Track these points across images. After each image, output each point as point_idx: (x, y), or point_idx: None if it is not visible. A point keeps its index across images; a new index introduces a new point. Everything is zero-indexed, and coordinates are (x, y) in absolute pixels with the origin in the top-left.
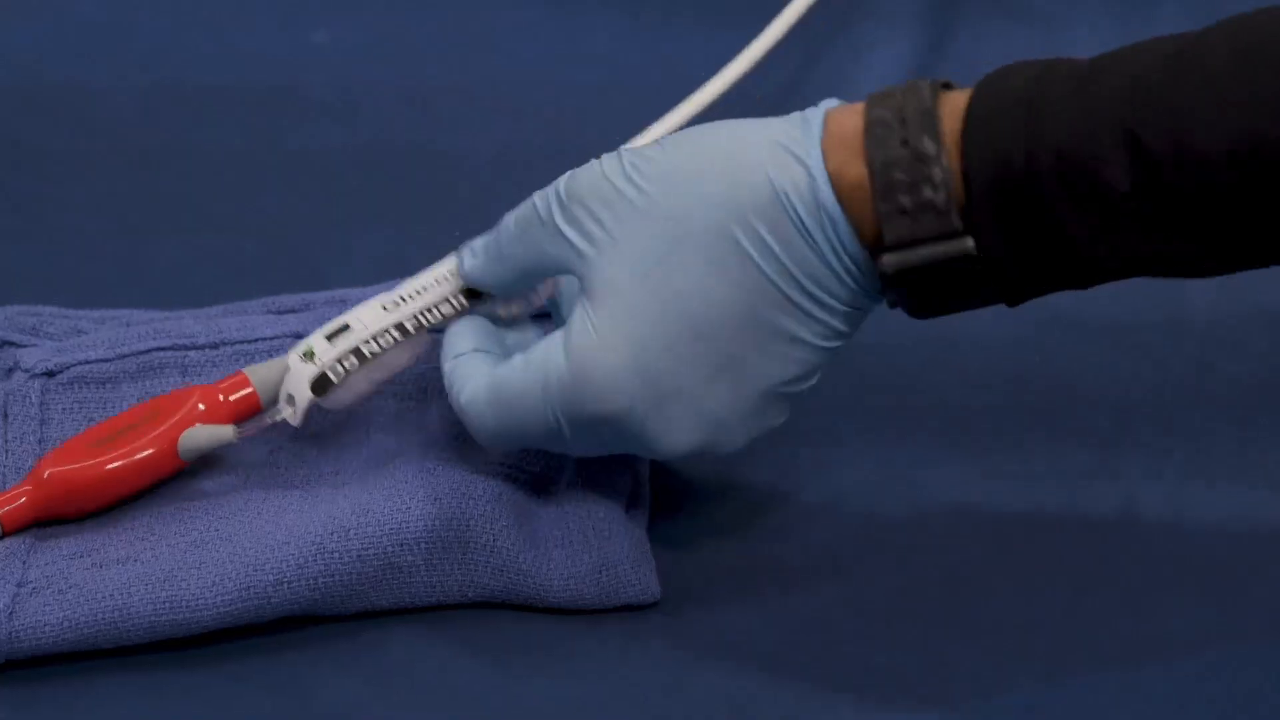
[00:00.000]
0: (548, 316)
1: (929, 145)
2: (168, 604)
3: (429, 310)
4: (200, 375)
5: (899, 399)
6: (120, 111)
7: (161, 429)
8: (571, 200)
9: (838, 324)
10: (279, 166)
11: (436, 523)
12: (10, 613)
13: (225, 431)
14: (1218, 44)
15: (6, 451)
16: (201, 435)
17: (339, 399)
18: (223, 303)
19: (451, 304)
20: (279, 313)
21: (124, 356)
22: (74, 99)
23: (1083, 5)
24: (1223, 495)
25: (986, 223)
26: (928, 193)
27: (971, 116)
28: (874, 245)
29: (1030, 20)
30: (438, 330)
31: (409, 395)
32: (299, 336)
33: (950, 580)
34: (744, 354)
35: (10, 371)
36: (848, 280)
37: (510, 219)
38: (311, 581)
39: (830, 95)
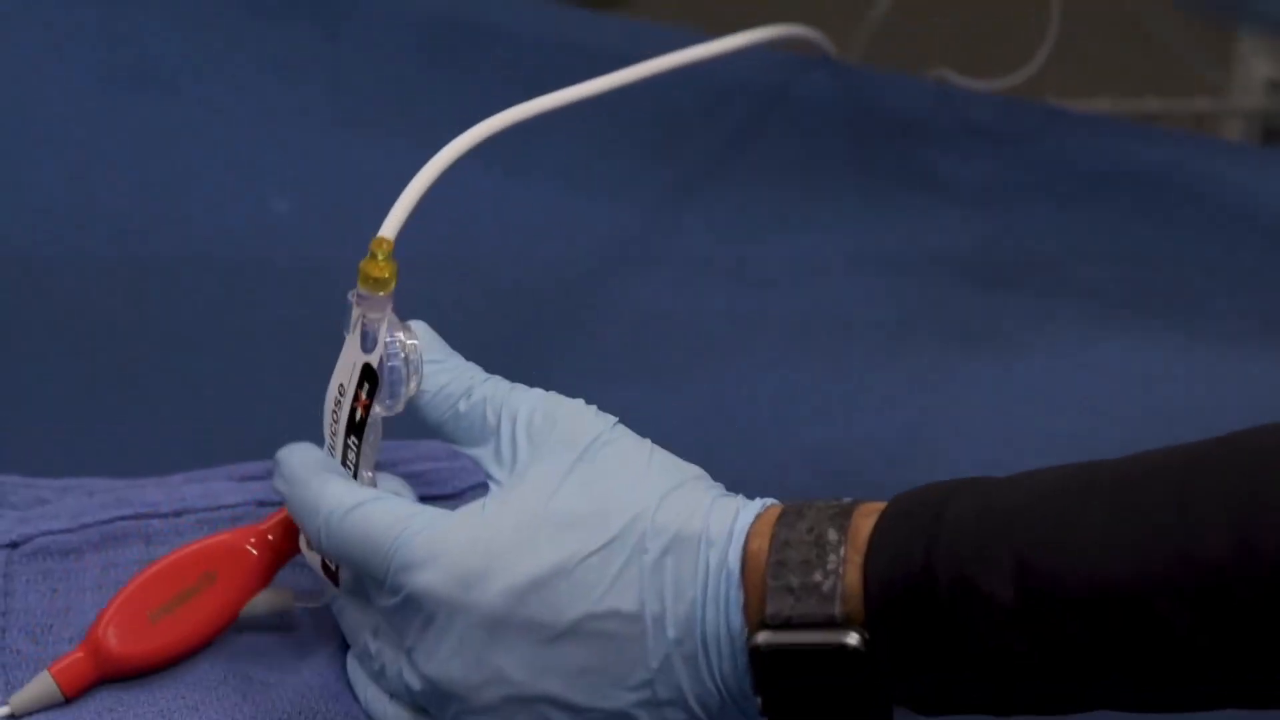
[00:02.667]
0: None
1: (832, 534)
2: None
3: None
4: (163, 544)
5: None
6: (82, 283)
7: (223, 598)
8: (550, 422)
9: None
10: (242, 336)
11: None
12: None
13: (285, 602)
14: (1112, 476)
15: None
16: (261, 606)
17: None
18: (185, 470)
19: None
20: (242, 480)
21: (86, 526)
22: (35, 272)
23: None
24: None
25: (880, 627)
26: (817, 576)
27: (880, 521)
28: (756, 629)
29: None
30: None
31: None
32: (262, 504)
33: None
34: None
35: None
36: (716, 671)
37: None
38: None
39: (787, 270)
